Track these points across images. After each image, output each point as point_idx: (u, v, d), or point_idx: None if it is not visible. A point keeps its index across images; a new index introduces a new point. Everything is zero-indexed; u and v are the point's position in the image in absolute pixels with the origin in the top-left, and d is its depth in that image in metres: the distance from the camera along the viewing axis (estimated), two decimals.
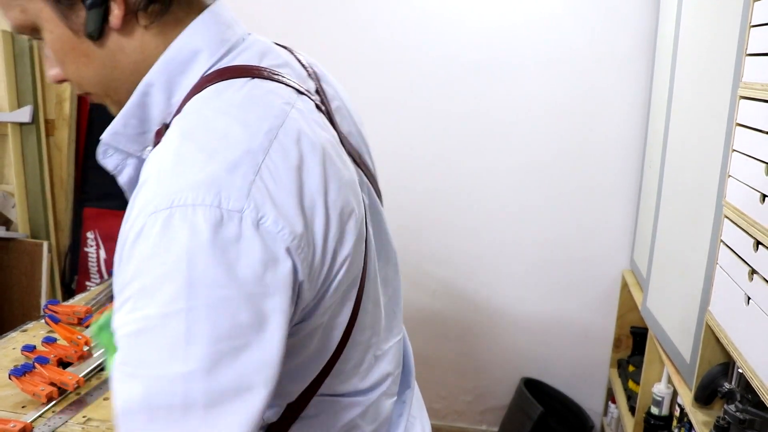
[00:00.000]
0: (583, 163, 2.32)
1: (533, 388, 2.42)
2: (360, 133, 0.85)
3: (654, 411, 1.77)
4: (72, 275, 2.60)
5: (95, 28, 0.63)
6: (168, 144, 0.60)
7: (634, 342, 2.21)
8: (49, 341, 1.32)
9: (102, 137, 0.70)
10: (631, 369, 2.18)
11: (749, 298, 1.10)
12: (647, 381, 1.83)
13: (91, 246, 2.56)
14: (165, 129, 0.66)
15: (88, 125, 2.53)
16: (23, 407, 1.15)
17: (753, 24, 1.15)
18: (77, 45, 0.65)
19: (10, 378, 1.19)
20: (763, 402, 1.03)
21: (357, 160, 0.78)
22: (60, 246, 2.56)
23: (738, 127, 1.20)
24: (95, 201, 2.54)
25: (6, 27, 2.33)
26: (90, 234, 2.56)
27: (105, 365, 1.23)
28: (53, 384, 1.18)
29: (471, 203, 2.40)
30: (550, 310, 2.45)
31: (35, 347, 1.30)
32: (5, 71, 2.33)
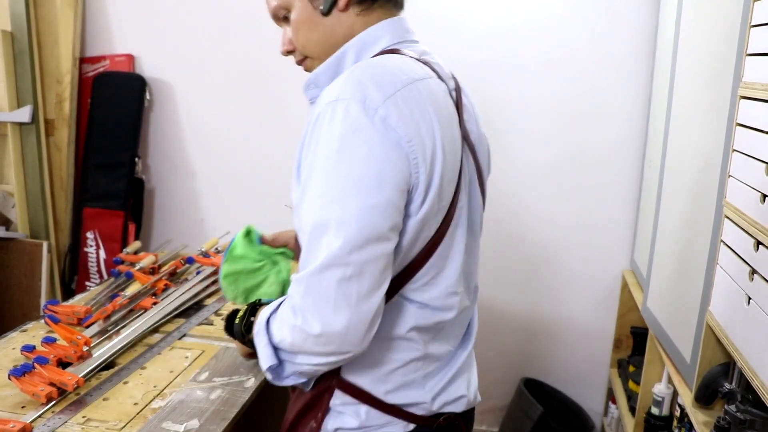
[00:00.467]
0: (584, 163, 2.32)
1: (533, 388, 2.41)
2: (480, 140, 1.08)
3: (654, 411, 1.77)
4: (72, 275, 2.60)
5: (327, 7, 0.97)
6: (344, 73, 0.93)
7: (634, 342, 2.21)
8: (49, 341, 1.32)
9: (309, 77, 1.02)
10: (632, 369, 2.18)
11: (750, 298, 1.10)
12: (647, 381, 1.83)
13: (91, 246, 2.56)
14: None
15: (87, 125, 2.51)
16: (23, 407, 1.15)
17: (753, 24, 1.15)
18: (313, 17, 0.99)
19: (9, 378, 1.19)
20: (764, 402, 1.03)
21: (471, 149, 1.03)
22: (60, 246, 2.56)
23: (738, 127, 1.20)
24: (95, 201, 2.52)
25: (6, 27, 2.33)
26: (90, 234, 2.56)
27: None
28: (53, 384, 1.17)
29: None
30: (550, 310, 2.45)
31: (35, 347, 1.30)
32: (5, 71, 2.32)
